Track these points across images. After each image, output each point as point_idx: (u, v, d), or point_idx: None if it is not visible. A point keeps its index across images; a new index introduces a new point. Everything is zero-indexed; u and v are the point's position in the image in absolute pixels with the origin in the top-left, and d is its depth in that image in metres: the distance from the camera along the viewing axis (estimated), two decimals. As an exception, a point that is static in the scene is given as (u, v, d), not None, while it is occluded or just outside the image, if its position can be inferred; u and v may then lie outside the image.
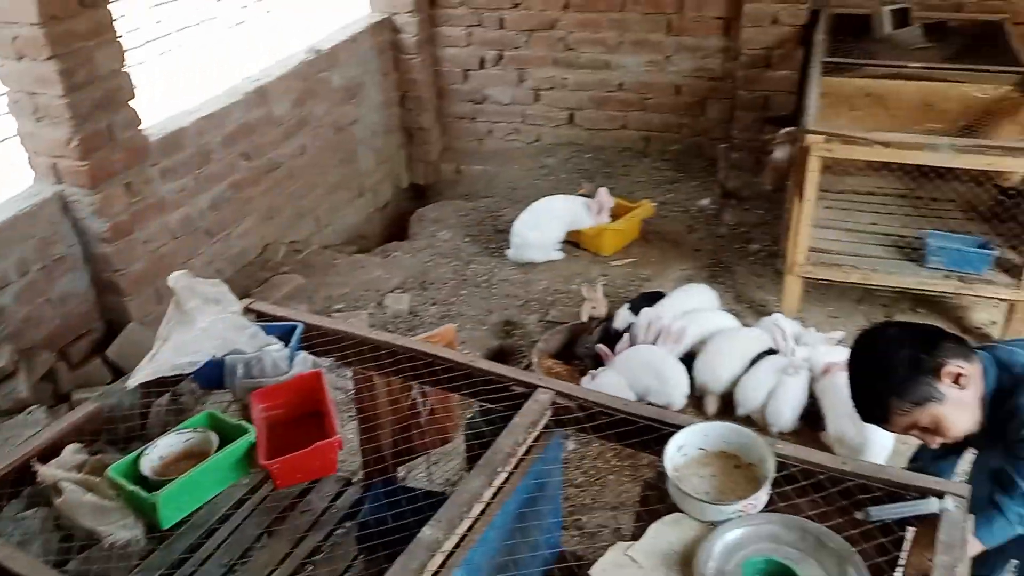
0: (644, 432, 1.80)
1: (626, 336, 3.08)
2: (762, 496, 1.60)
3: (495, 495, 1.70)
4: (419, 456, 2.43)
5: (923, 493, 1.59)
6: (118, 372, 3.13)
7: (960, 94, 3.69)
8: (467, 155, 5.41)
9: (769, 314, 3.30)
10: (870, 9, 4.35)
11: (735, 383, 2.98)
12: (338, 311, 3.73)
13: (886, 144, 3.13)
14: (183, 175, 3.64)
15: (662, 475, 1.78)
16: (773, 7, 4.50)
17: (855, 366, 1.88)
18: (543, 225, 4.01)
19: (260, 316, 2.19)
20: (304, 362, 1.92)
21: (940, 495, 1.57)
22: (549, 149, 5.21)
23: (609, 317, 3.29)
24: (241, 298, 3.73)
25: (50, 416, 2.73)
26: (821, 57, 3.83)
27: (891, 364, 1.78)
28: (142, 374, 1.83)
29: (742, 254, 3.99)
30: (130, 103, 3.24)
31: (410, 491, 2.14)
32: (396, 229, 5.11)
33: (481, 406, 2.18)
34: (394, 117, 5.24)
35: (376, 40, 4.95)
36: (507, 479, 1.74)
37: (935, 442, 1.84)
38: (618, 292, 3.72)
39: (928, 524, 1.56)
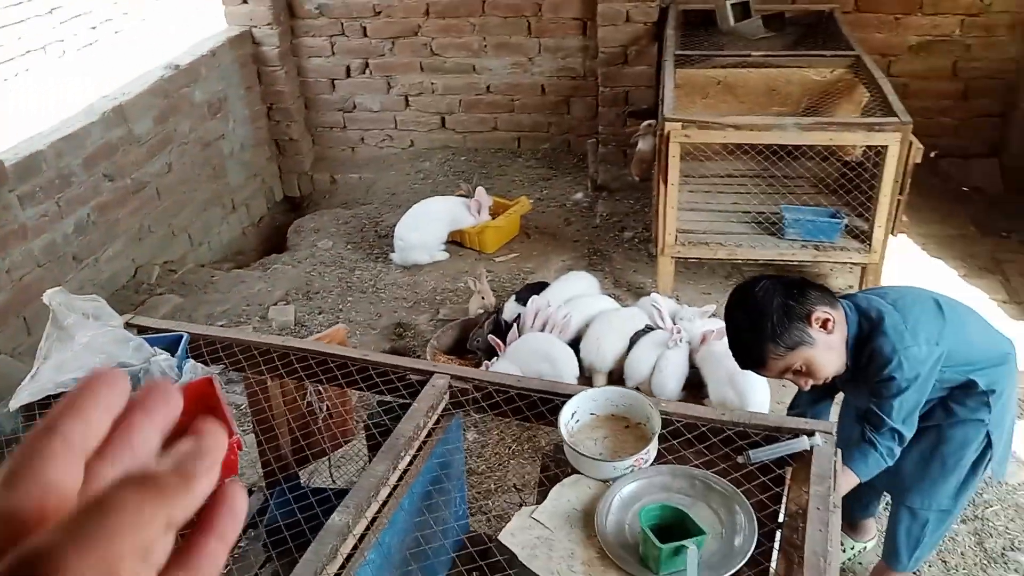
0: (538, 405, 1.88)
1: (515, 326, 3.16)
2: (651, 451, 1.70)
3: (401, 478, 1.75)
4: (320, 459, 2.43)
5: (795, 433, 1.73)
6: (-12, 409, 2.97)
7: (801, 78, 3.98)
8: (341, 164, 5.39)
9: (647, 295, 3.46)
10: (714, 4, 4.62)
11: (620, 361, 3.11)
12: (221, 328, 3.65)
13: (738, 127, 3.34)
14: (43, 200, 3.49)
15: (559, 447, 1.87)
16: (625, 5, 4.71)
17: (733, 317, 2.00)
18: (425, 227, 4.05)
19: (141, 331, 2.14)
20: (193, 370, 1.89)
21: (811, 433, 1.72)
22: (424, 153, 5.26)
23: (498, 310, 3.37)
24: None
25: (-83, 458, 2.57)
26: (673, 51, 4.04)
27: (765, 312, 1.91)
28: (24, 395, 1.77)
29: (617, 242, 4.16)
30: (-21, 126, 3.09)
31: (316, 491, 2.15)
32: (273, 243, 5.03)
33: (380, 400, 2.22)
34: (262, 130, 5.17)
35: (237, 53, 4.87)
36: (411, 463, 1.79)
37: (807, 384, 1.98)
38: (504, 286, 3.81)
39: (803, 461, 1.71)
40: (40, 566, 0.29)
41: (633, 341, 3.15)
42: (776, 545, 1.65)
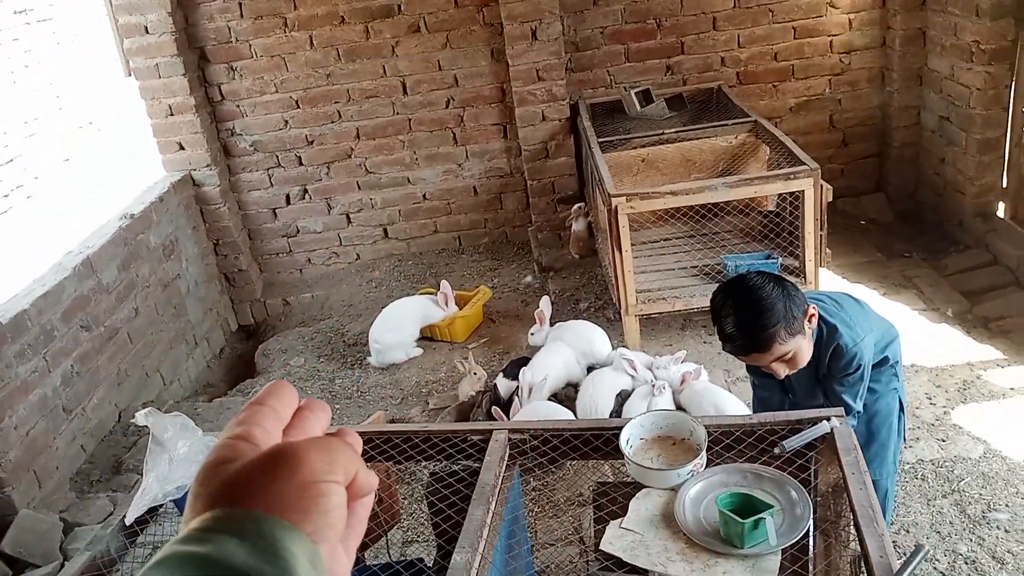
0: (592, 440, 2.15)
1: (516, 399, 3.42)
2: (703, 457, 1.99)
3: (492, 521, 1.97)
4: (377, 541, 2.59)
5: (814, 421, 2.06)
6: (20, 565, 2.98)
7: (711, 146, 4.50)
8: (291, 286, 5.59)
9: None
10: (618, 94, 5.17)
11: (614, 415, 3.40)
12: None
13: (675, 193, 3.77)
14: (32, 356, 3.57)
15: (602, 484, 2.14)
16: (539, 107, 5.19)
17: (737, 304, 2.15)
18: (398, 327, 4.29)
19: (208, 443, 2.30)
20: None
21: (828, 419, 2.04)
22: (371, 264, 5.53)
23: (493, 387, 3.61)
24: (113, 470, 3.70)
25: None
26: (596, 139, 4.50)
27: (775, 300, 2.10)
28: (137, 508, 1.92)
29: (575, 313, 4.49)
30: (-22, 292, 3.20)
31: (384, 567, 2.30)
32: (237, 372, 5.14)
33: (432, 473, 2.43)
34: (211, 265, 5.34)
35: (181, 196, 5.08)
36: (495, 509, 2.01)
37: (785, 372, 2.23)
38: (484, 368, 4.06)
39: (826, 444, 2.02)
40: (290, 452, 0.50)
41: (622, 397, 3.45)
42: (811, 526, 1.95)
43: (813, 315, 2.20)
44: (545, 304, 3.90)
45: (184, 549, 0.45)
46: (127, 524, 1.94)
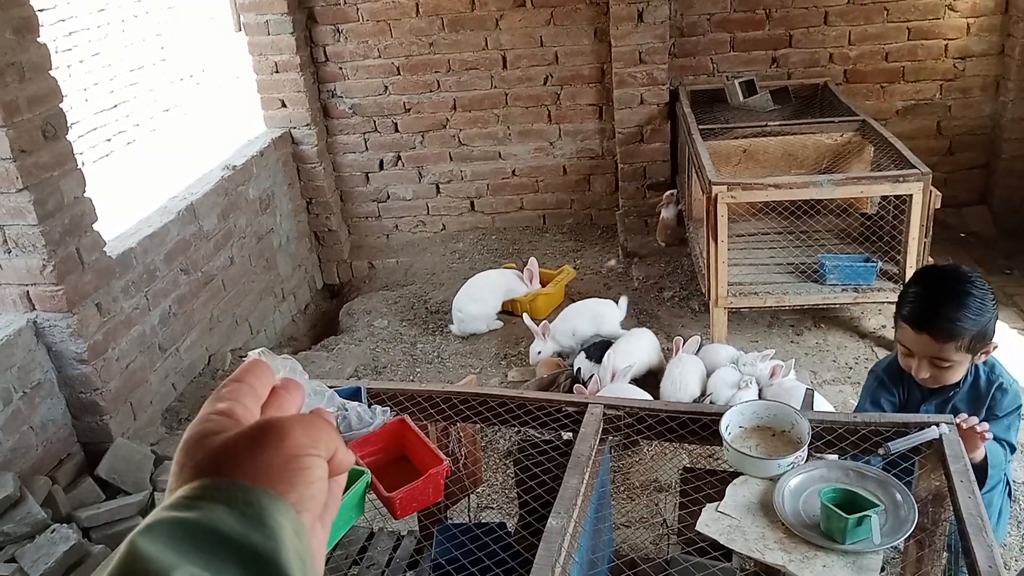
0: (689, 424, 2.14)
1: (595, 378, 3.42)
2: (805, 450, 1.96)
3: (585, 491, 1.98)
4: (459, 501, 2.63)
5: (920, 426, 2.01)
6: (112, 490, 3.12)
7: (815, 143, 4.40)
8: (377, 250, 5.68)
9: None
10: (720, 83, 5.10)
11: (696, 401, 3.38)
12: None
13: (778, 186, 3.70)
14: (135, 293, 3.71)
15: (689, 470, 2.12)
16: (638, 90, 5.15)
17: (956, 285, 2.07)
18: (483, 298, 4.33)
19: (309, 389, 2.36)
20: (384, 413, 2.12)
21: (936, 424, 2.00)
22: (456, 235, 5.58)
23: (577, 369, 3.62)
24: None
25: (78, 531, 2.72)
26: (697, 126, 4.45)
27: (986, 311, 2.05)
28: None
29: (658, 301, 4.47)
30: (93, 227, 3.33)
31: (482, 525, 2.34)
32: (320, 328, 5.26)
33: (523, 438, 2.45)
34: (303, 223, 5.46)
35: (280, 153, 5.19)
36: (587, 480, 2.03)
37: (929, 377, 2.17)
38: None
39: (931, 452, 1.98)
40: (277, 427, 0.52)
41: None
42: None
43: (989, 351, 2.16)
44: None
45: (173, 515, 0.46)
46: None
